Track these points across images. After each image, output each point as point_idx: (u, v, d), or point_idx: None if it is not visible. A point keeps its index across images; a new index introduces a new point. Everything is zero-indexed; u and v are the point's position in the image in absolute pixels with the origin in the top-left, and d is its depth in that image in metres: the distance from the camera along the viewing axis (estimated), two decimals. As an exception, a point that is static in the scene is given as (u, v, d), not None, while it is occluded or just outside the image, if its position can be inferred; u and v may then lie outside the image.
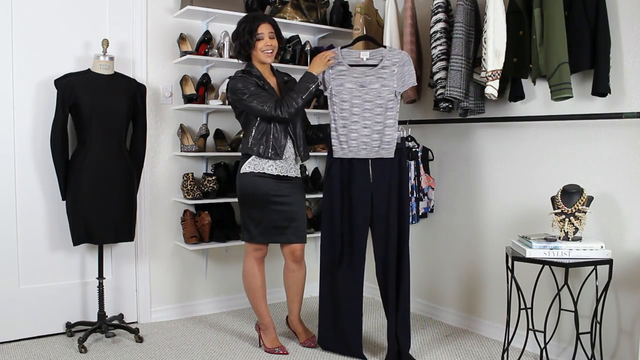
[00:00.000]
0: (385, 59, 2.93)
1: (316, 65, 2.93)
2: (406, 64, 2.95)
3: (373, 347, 3.18)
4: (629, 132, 2.68)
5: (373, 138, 2.92)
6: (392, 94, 2.92)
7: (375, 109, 2.92)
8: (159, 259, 3.63)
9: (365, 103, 2.92)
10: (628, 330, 2.71)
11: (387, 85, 2.91)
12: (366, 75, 2.93)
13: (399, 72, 2.93)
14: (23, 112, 3.19)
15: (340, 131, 2.95)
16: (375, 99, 2.92)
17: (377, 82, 2.92)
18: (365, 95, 2.92)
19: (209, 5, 3.45)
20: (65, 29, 3.28)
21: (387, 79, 2.92)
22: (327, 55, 2.94)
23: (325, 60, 2.92)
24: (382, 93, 2.91)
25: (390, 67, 2.93)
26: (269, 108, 2.83)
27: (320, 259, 3.04)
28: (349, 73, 2.94)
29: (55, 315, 3.30)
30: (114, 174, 3.10)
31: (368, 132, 2.92)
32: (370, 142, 2.93)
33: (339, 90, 2.95)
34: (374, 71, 2.93)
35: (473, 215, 3.42)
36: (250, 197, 2.95)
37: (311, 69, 2.93)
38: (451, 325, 3.54)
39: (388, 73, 2.92)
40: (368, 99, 2.92)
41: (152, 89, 3.54)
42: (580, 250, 2.55)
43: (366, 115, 2.92)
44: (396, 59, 2.94)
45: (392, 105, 2.92)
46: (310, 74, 2.91)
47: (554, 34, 2.66)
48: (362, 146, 2.94)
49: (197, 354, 3.05)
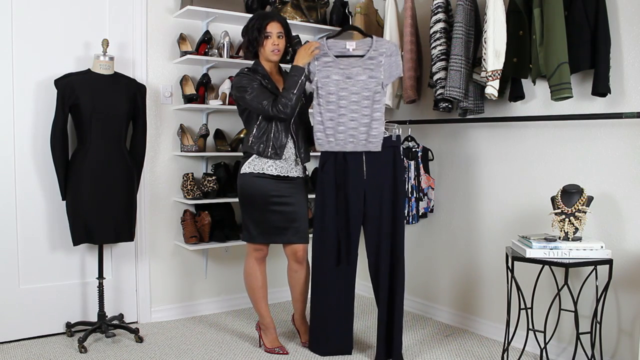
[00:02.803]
0: (372, 49, 2.87)
1: (301, 57, 2.88)
2: (393, 54, 2.88)
3: (364, 346, 3.17)
4: (629, 132, 2.68)
5: (360, 131, 2.86)
6: (379, 85, 2.86)
7: (362, 101, 2.85)
8: (159, 259, 3.63)
9: (352, 95, 2.86)
10: (628, 330, 2.71)
11: (375, 77, 2.85)
12: (353, 66, 2.86)
13: (387, 62, 2.87)
14: (23, 112, 3.19)
15: (327, 124, 2.89)
16: (362, 90, 2.85)
17: (364, 73, 2.85)
18: (352, 87, 2.86)
19: (209, 5, 3.45)
20: (65, 29, 3.28)
21: (374, 70, 2.85)
22: (312, 45, 2.88)
23: (310, 51, 2.87)
24: (369, 85, 2.85)
25: (377, 57, 2.86)
26: (267, 106, 2.82)
27: (312, 257, 2.99)
28: (335, 64, 2.88)
29: (55, 315, 3.30)
30: (114, 174, 3.10)
31: (355, 124, 2.86)
32: (358, 135, 2.87)
33: (325, 82, 2.88)
34: (361, 62, 2.86)
35: (473, 215, 3.42)
36: (250, 197, 2.95)
37: (296, 62, 2.88)
38: (451, 325, 3.54)
39: (375, 64, 2.85)
40: (355, 91, 2.86)
41: (152, 89, 3.54)
42: (580, 250, 2.55)
43: (353, 108, 2.86)
44: (383, 49, 2.87)
45: (378, 97, 2.86)
46: (296, 67, 2.86)
47: (554, 34, 2.66)
48: (350, 139, 2.88)
49: (197, 354, 3.05)
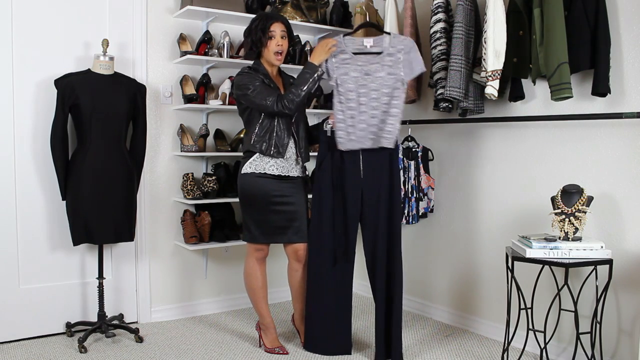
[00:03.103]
0: (390, 45, 2.84)
1: (318, 54, 2.84)
2: (412, 51, 2.86)
3: (364, 345, 3.17)
4: (628, 132, 2.68)
5: (380, 127, 2.84)
6: (399, 82, 2.83)
7: (382, 97, 2.83)
8: (159, 259, 3.63)
9: (372, 92, 2.83)
10: (628, 330, 2.71)
11: (394, 74, 2.82)
12: (371, 63, 2.84)
13: (405, 59, 2.84)
14: (23, 112, 3.19)
15: (348, 122, 2.86)
16: (381, 87, 2.83)
17: (383, 70, 2.83)
18: (371, 84, 2.83)
19: (209, 5, 3.45)
20: (65, 29, 3.28)
21: (393, 67, 2.82)
22: (329, 42, 2.85)
23: (327, 48, 2.84)
24: (389, 81, 2.82)
25: (395, 54, 2.84)
26: (272, 102, 2.79)
27: (309, 257, 2.99)
28: (352, 61, 2.85)
29: (55, 315, 3.30)
30: (114, 174, 3.10)
31: (376, 121, 2.84)
32: (377, 132, 2.84)
33: (344, 80, 2.85)
34: (379, 59, 2.84)
35: (473, 215, 3.42)
36: (251, 197, 2.95)
37: (312, 59, 2.85)
38: (451, 325, 3.54)
39: (394, 60, 2.83)
40: (374, 88, 2.83)
41: (152, 89, 3.54)
42: (580, 250, 2.55)
43: (374, 105, 2.83)
44: (401, 45, 2.85)
45: (397, 94, 2.83)
46: (311, 64, 2.83)
47: (554, 34, 2.66)
48: (370, 136, 2.86)
49: (197, 354, 3.05)
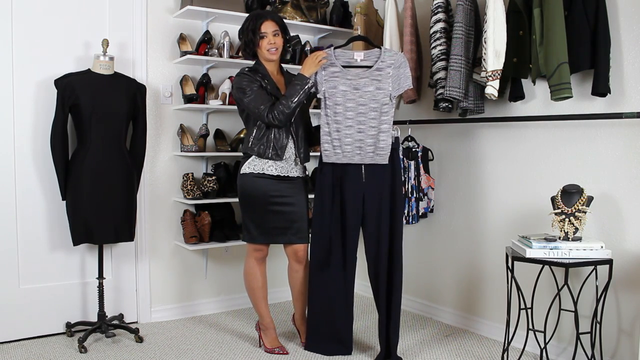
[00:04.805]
0: (380, 60, 2.83)
1: (307, 66, 2.84)
2: (402, 66, 2.85)
3: (365, 346, 3.17)
4: (628, 132, 2.68)
5: (367, 143, 2.83)
6: (387, 97, 2.82)
7: (370, 112, 2.82)
8: (159, 259, 3.63)
9: (360, 107, 2.82)
10: (628, 330, 2.71)
11: (382, 88, 2.81)
12: (360, 77, 2.83)
13: (395, 74, 2.83)
14: (23, 112, 3.19)
15: (334, 135, 2.86)
16: (369, 102, 2.82)
17: (372, 84, 2.82)
18: (360, 99, 2.82)
19: (209, 5, 3.45)
20: (65, 28, 3.28)
21: (382, 82, 2.81)
22: (319, 55, 2.84)
23: (317, 60, 2.83)
24: (377, 96, 2.81)
25: (385, 69, 2.82)
26: (263, 112, 2.80)
27: (311, 259, 2.99)
28: (342, 75, 2.84)
29: (55, 315, 3.30)
30: (114, 174, 3.10)
31: (362, 136, 2.83)
32: (365, 147, 2.84)
33: (332, 93, 2.85)
34: (369, 73, 2.83)
35: (473, 215, 3.42)
36: (250, 197, 2.95)
37: (303, 71, 2.85)
38: (451, 325, 3.54)
39: (383, 75, 2.81)
40: (362, 102, 2.82)
41: (152, 89, 3.54)
42: (580, 250, 2.55)
43: (360, 120, 2.83)
44: (391, 60, 2.84)
45: (386, 109, 2.83)
46: (301, 76, 2.83)
47: (553, 34, 2.66)
48: (357, 151, 2.85)
49: (197, 354, 3.05)
